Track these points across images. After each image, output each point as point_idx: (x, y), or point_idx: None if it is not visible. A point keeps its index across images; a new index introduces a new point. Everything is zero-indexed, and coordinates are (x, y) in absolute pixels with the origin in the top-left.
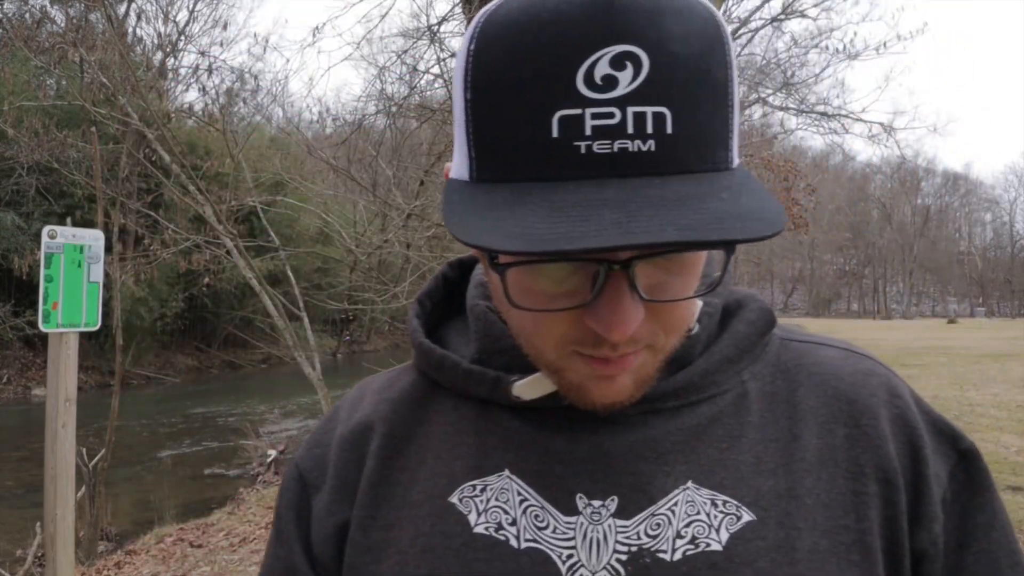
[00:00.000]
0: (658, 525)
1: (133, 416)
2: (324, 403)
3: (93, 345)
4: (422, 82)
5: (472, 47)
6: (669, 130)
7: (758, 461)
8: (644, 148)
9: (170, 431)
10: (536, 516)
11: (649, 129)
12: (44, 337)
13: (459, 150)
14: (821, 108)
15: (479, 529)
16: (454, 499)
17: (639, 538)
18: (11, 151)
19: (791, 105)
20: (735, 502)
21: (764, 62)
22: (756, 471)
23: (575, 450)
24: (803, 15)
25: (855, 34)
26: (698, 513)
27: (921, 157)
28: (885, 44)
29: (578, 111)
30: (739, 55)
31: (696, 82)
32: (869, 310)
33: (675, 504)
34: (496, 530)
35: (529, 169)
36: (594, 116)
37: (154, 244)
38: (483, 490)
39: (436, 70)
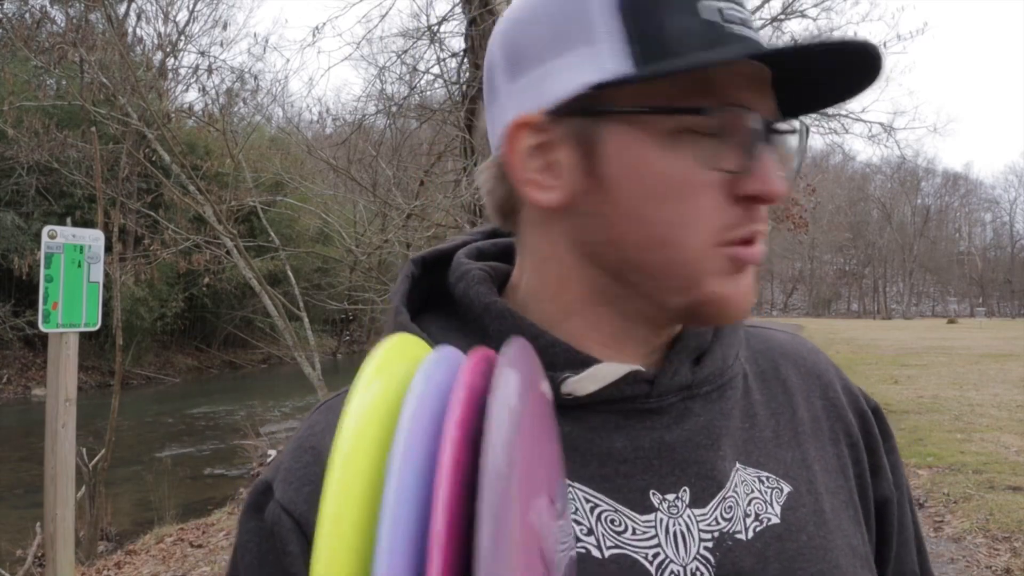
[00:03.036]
0: (730, 508)
1: (133, 416)
2: None
3: (93, 345)
4: (422, 82)
5: None
6: (753, 28)
7: (776, 436)
8: (756, 37)
9: (170, 431)
10: (612, 521)
11: (755, 26)
12: (44, 337)
13: (585, 52)
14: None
15: None
16: None
17: (717, 523)
18: (11, 151)
19: None
20: (775, 476)
21: None
22: (777, 445)
23: (638, 447)
24: (803, 15)
25: (855, 34)
26: (752, 492)
27: (921, 157)
28: (885, 44)
29: (719, 3)
30: None
31: None
32: (869, 310)
33: (736, 485)
34: (575, 544)
35: (687, 47)
36: (729, 7)
37: (154, 244)
38: (552, 504)
39: (436, 70)
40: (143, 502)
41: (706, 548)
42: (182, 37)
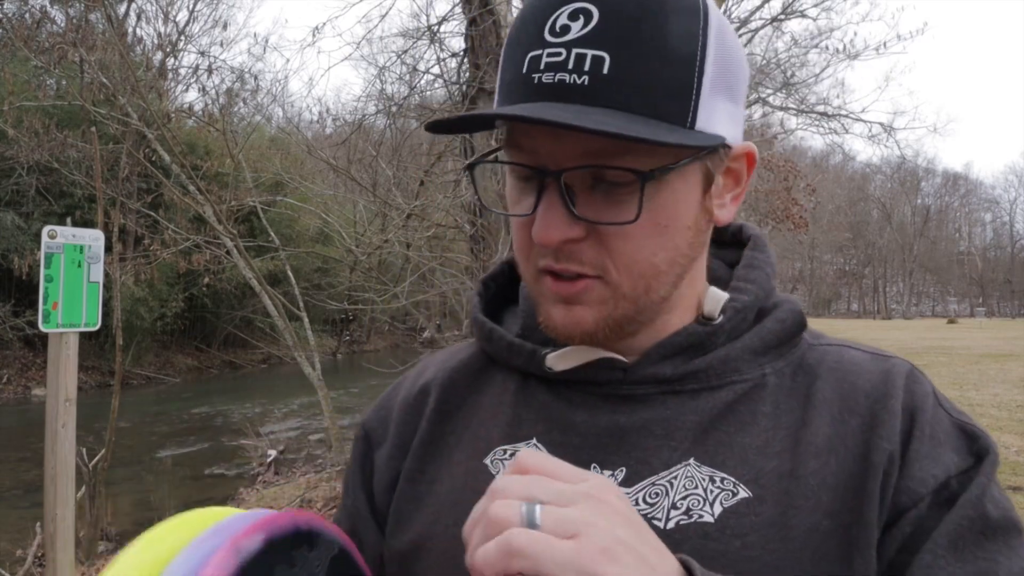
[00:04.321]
0: (656, 495)
1: (133, 416)
2: (324, 403)
3: (93, 345)
4: (422, 82)
5: (510, 29)
6: (605, 71)
7: (765, 444)
8: (579, 82)
9: (170, 431)
10: None
11: (586, 67)
12: (44, 337)
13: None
14: (821, 108)
15: None
16: (487, 461)
17: (637, 504)
18: (11, 151)
19: (791, 105)
20: (733, 479)
21: (764, 62)
22: (761, 453)
23: (594, 424)
24: (803, 15)
25: (855, 34)
26: (696, 488)
27: (921, 157)
28: (885, 44)
29: (539, 51)
30: None
31: (645, 35)
32: (869, 310)
33: (675, 478)
34: None
35: (508, 97)
36: (548, 55)
37: (154, 244)
38: (512, 455)
39: (436, 70)
40: (143, 502)
41: None
42: (182, 37)
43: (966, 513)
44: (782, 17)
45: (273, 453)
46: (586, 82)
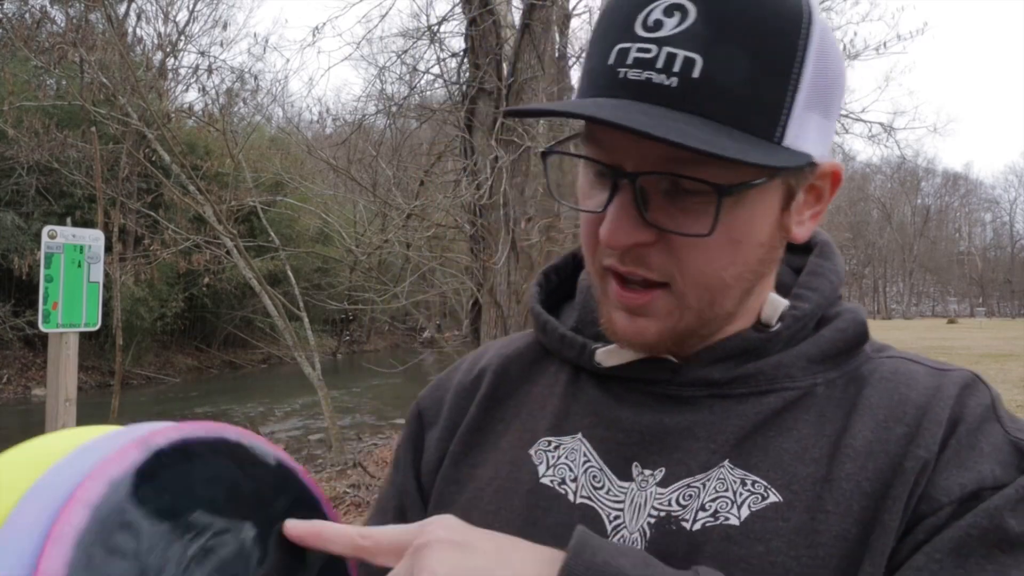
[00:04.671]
0: (689, 496)
1: (133, 416)
2: (324, 403)
3: (93, 345)
4: (422, 82)
5: (599, 14)
6: (696, 74)
7: (803, 451)
8: (667, 83)
9: None
10: (594, 477)
11: (676, 68)
12: (44, 337)
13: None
14: None
15: (545, 480)
16: (531, 451)
17: (670, 505)
18: (11, 151)
19: None
20: (765, 483)
21: None
22: (798, 459)
23: (638, 422)
24: None
25: (855, 34)
26: (726, 490)
27: (921, 157)
28: (885, 44)
29: (628, 44)
30: None
31: (743, 41)
32: (869, 310)
33: (708, 480)
34: (559, 484)
35: (592, 88)
36: (638, 50)
37: (154, 244)
38: (557, 447)
39: (436, 70)
40: None
41: (648, 523)
42: (182, 37)
43: (979, 522)
44: None
45: None
46: (674, 84)
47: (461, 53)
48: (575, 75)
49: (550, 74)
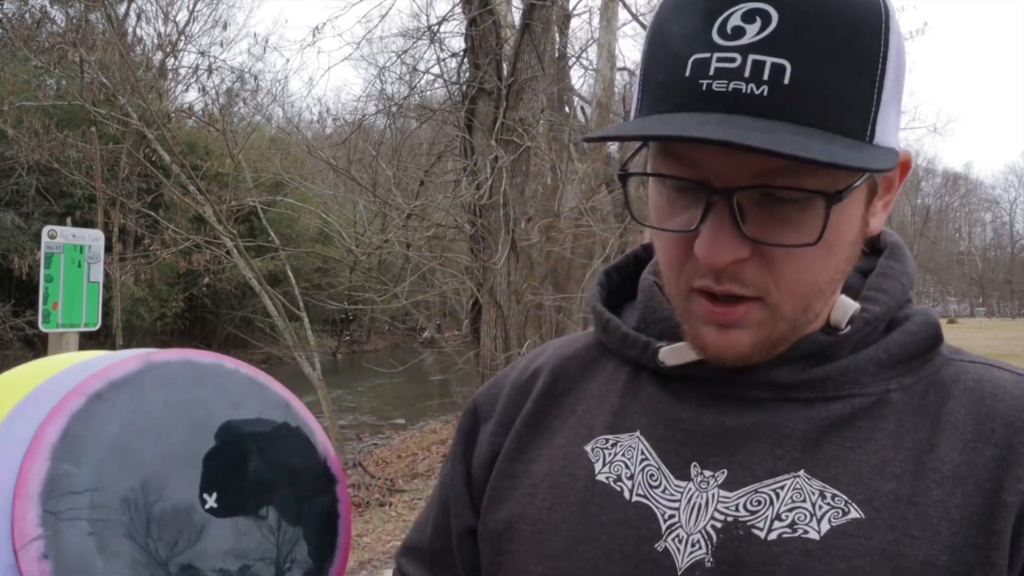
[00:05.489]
0: (759, 502)
1: None
2: (324, 403)
3: (93, 345)
4: (422, 82)
5: (652, 21)
6: (786, 81)
7: (883, 464)
8: (757, 92)
9: None
10: (651, 476)
11: (765, 76)
12: (44, 337)
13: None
14: None
15: (600, 477)
16: (588, 448)
17: (737, 510)
18: (11, 151)
19: None
20: (845, 497)
21: None
22: (879, 473)
23: (699, 422)
24: None
25: None
26: (804, 501)
27: (921, 157)
28: None
29: (707, 55)
30: None
31: (829, 42)
32: None
33: (781, 488)
34: (615, 481)
35: (666, 102)
36: (719, 60)
37: (154, 244)
38: (614, 445)
39: (436, 70)
40: None
41: (713, 527)
42: (182, 37)
43: None
44: None
45: None
46: (765, 92)
47: (461, 53)
48: (575, 75)
49: (550, 74)
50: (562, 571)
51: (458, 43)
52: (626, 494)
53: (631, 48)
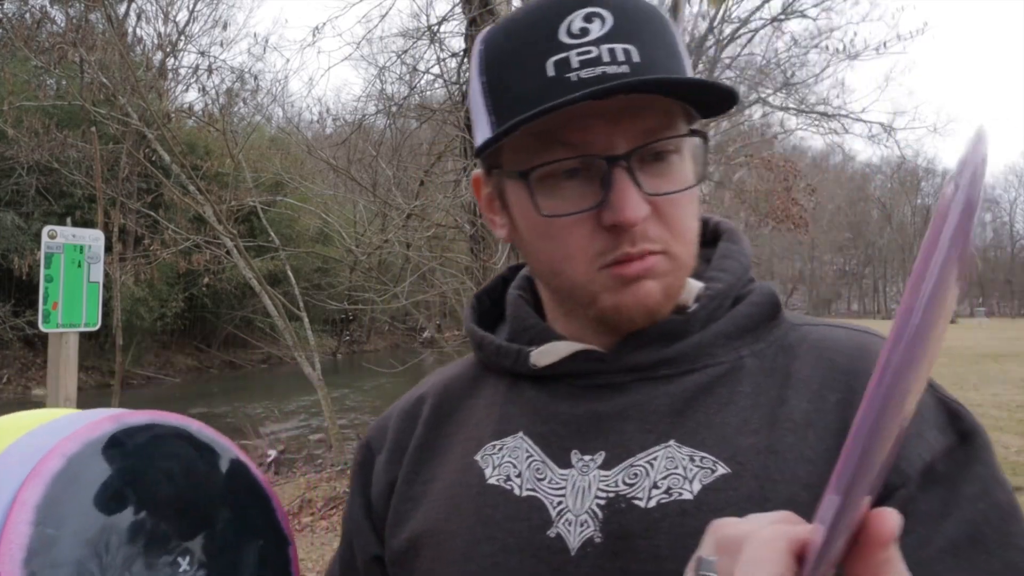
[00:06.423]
0: (635, 475)
1: None
2: (324, 403)
3: (93, 345)
4: (422, 82)
5: (481, 47)
6: (637, 59)
7: (744, 423)
8: (620, 70)
9: None
10: (537, 470)
11: (621, 58)
12: (44, 337)
13: (479, 126)
14: (821, 108)
15: (491, 480)
16: (478, 457)
17: (617, 486)
18: (11, 151)
19: (791, 105)
20: (712, 458)
21: (764, 62)
22: (740, 431)
23: (574, 413)
24: (803, 15)
25: (855, 34)
26: (676, 468)
27: (921, 157)
28: (885, 44)
29: (564, 54)
30: (739, 55)
31: (651, 32)
32: (869, 310)
33: (655, 459)
34: (505, 481)
35: (535, 102)
36: (579, 53)
37: (154, 244)
38: (500, 449)
39: (436, 70)
40: None
41: (598, 504)
42: (182, 37)
43: (970, 515)
44: (782, 17)
45: (273, 453)
46: (627, 70)
47: (461, 53)
48: None
49: None
50: (466, 572)
51: (458, 43)
52: (516, 491)
53: None
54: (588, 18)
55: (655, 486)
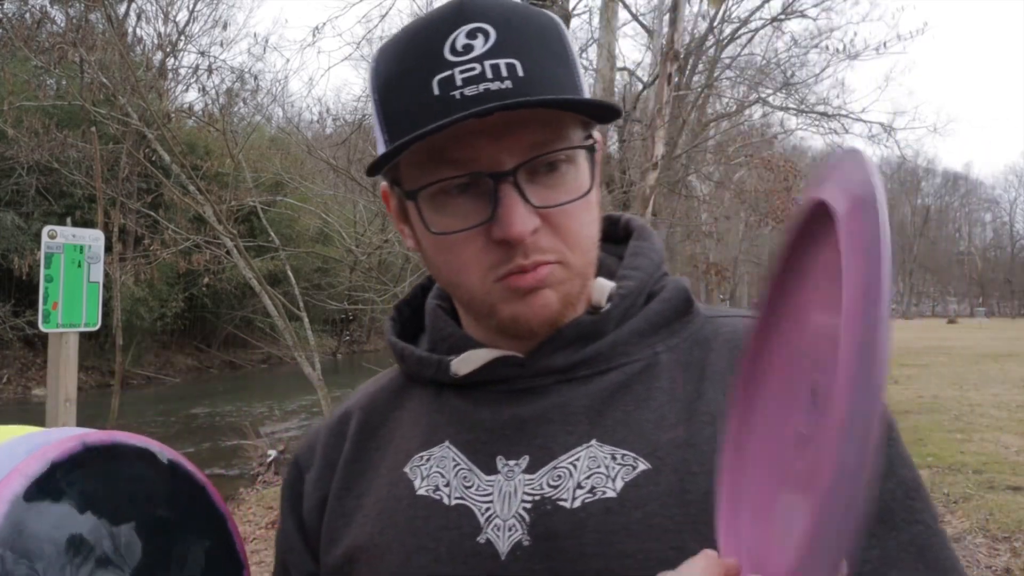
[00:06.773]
0: (559, 477)
1: (133, 416)
2: (324, 403)
3: (93, 345)
4: None
5: (374, 64)
6: (521, 73)
7: (662, 418)
8: (503, 86)
9: (170, 431)
10: (464, 478)
11: (504, 73)
12: (44, 337)
13: (378, 141)
14: (821, 108)
15: (421, 491)
16: (407, 469)
17: (542, 488)
18: (11, 151)
19: (791, 105)
20: (633, 454)
21: (764, 62)
22: (658, 426)
23: (498, 419)
24: (803, 15)
25: (855, 34)
26: (599, 467)
27: (921, 157)
28: (885, 44)
29: (448, 72)
30: (739, 55)
31: (539, 43)
32: None
33: (577, 459)
34: (434, 491)
35: (422, 122)
36: (462, 71)
37: (154, 244)
38: (427, 459)
39: None
40: None
41: (524, 508)
42: (182, 37)
43: (877, 494)
44: (782, 17)
45: (273, 453)
46: (510, 85)
47: None
48: None
49: None
50: None
51: None
52: (446, 500)
53: (631, 48)
54: (472, 34)
55: (579, 486)
